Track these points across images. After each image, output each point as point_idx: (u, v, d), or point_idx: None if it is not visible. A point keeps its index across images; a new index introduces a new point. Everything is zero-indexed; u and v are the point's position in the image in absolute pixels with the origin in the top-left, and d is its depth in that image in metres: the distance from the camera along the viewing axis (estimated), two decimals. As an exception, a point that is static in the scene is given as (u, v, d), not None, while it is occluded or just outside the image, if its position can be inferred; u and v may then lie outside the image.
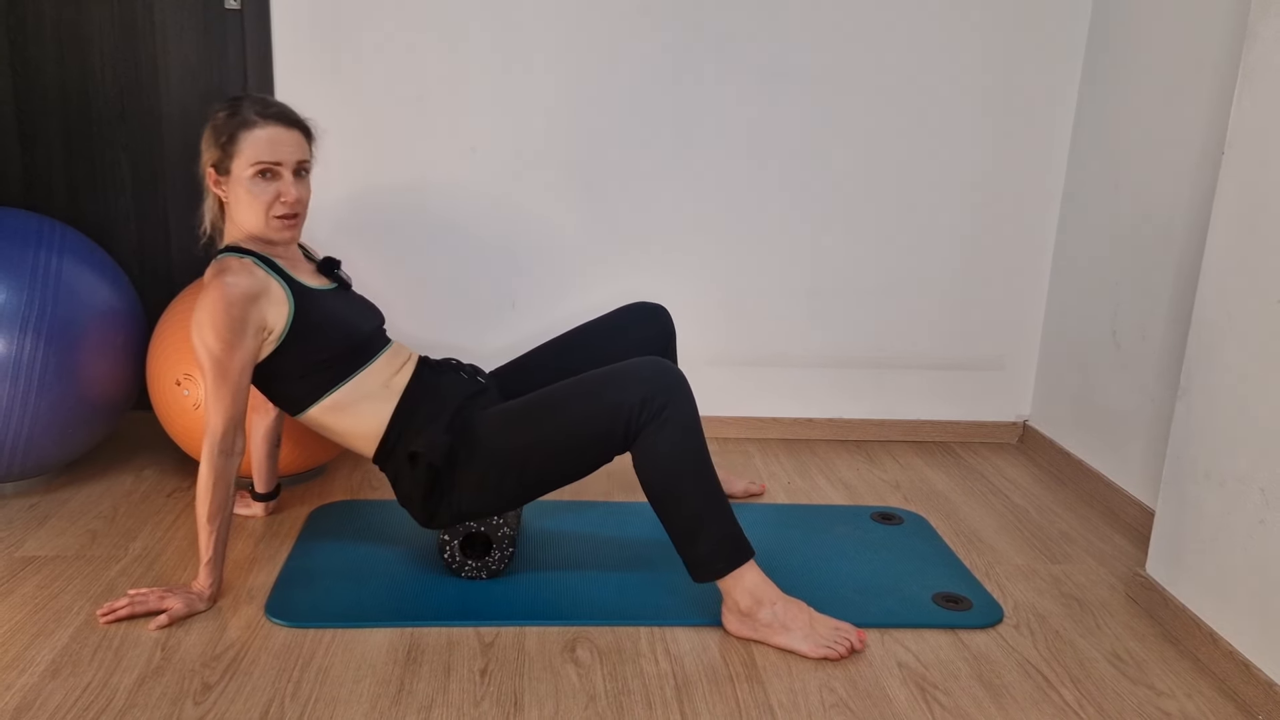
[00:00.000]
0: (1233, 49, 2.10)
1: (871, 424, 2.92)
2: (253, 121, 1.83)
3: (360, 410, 1.89)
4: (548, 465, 1.81)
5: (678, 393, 1.74)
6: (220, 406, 1.78)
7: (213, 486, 1.79)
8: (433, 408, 1.89)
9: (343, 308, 1.93)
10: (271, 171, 1.84)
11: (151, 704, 1.57)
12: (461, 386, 1.95)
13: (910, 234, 2.80)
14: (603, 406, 1.74)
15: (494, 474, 1.82)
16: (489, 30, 2.59)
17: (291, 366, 1.85)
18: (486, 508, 1.87)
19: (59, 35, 2.59)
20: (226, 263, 1.83)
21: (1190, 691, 1.73)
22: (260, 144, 1.83)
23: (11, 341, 2.10)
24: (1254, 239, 1.75)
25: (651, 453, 1.73)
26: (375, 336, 1.95)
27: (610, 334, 2.16)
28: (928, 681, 1.72)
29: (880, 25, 2.65)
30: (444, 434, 1.83)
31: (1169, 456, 1.97)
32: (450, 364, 2.02)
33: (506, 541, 1.95)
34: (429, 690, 1.64)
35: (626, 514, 2.32)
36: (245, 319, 1.77)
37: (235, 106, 1.86)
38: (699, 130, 2.69)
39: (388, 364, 1.93)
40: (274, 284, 1.83)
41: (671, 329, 2.21)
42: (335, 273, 2.01)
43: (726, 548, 1.76)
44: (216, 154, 1.86)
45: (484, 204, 2.70)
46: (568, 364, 2.12)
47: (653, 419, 1.72)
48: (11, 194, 2.68)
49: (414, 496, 1.87)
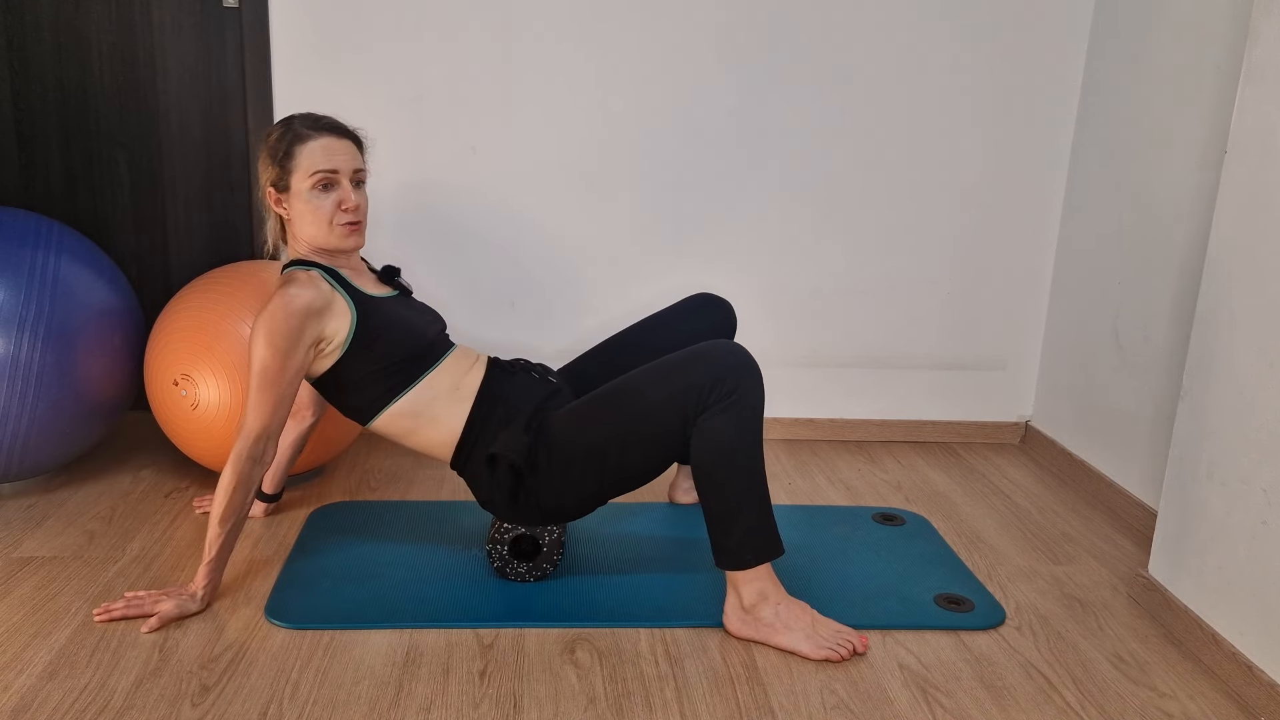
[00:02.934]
0: (1235, 48, 2.09)
1: (873, 424, 2.92)
2: (306, 135, 1.86)
3: (434, 415, 1.88)
4: (626, 457, 1.80)
5: (748, 378, 1.74)
6: (260, 413, 1.78)
7: (233, 490, 1.79)
8: (509, 408, 1.89)
9: (405, 313, 1.93)
10: (330, 181, 1.87)
11: (149, 705, 1.56)
12: (535, 387, 1.95)
13: (912, 234, 2.80)
14: (676, 390, 1.74)
15: (574, 471, 1.82)
16: (489, 29, 2.58)
17: (357, 374, 1.85)
18: (570, 506, 1.86)
19: (57, 34, 2.58)
20: (294, 274, 1.85)
21: (1192, 693, 1.72)
22: (316, 154, 1.86)
23: (9, 342, 2.09)
24: (1257, 239, 1.74)
25: (710, 432, 1.73)
26: (438, 341, 1.95)
27: (671, 328, 2.15)
28: (929, 683, 1.71)
29: (882, 25, 2.65)
30: (522, 434, 1.83)
31: (1171, 457, 1.96)
32: (520, 364, 2.01)
33: (557, 546, 1.95)
34: (428, 692, 1.63)
35: (628, 515, 2.31)
36: (302, 331, 1.78)
37: (286, 124, 1.89)
38: (700, 130, 2.68)
39: (455, 366, 1.93)
40: (338, 297, 1.84)
41: (733, 320, 2.19)
42: (396, 280, 2.02)
43: (758, 542, 1.76)
44: (274, 172, 1.88)
45: (484, 204, 2.69)
46: (631, 360, 2.11)
47: (721, 399, 1.72)
48: (9, 193, 2.67)
49: (496, 499, 1.88)
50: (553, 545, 1.95)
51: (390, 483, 2.48)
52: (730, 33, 2.62)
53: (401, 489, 2.44)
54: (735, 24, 2.62)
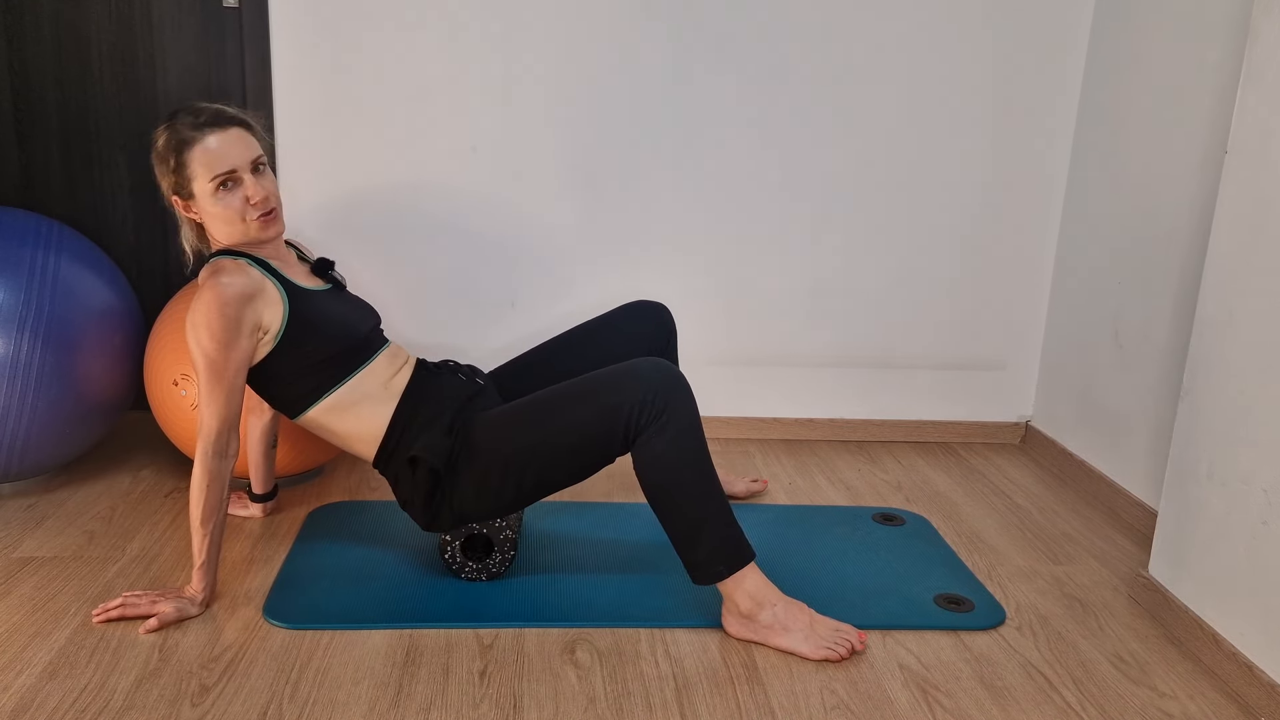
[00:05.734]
0: (1235, 48, 2.09)
1: (873, 424, 2.91)
2: (191, 139, 1.80)
3: (360, 412, 1.88)
4: (547, 468, 1.79)
5: (677, 395, 1.73)
6: (214, 408, 1.77)
7: (206, 488, 1.78)
8: (432, 410, 1.88)
9: (338, 308, 1.92)
10: (230, 180, 1.82)
11: (149, 705, 1.56)
12: (460, 388, 1.94)
13: (912, 233, 2.80)
14: (602, 409, 1.73)
15: (494, 477, 1.81)
16: (489, 29, 2.58)
17: (288, 367, 1.84)
18: (487, 511, 1.85)
19: (57, 33, 2.58)
20: (220, 264, 1.82)
21: (1192, 693, 1.72)
22: (208, 157, 1.80)
23: (9, 341, 2.09)
24: (1257, 238, 1.74)
25: (650, 456, 1.72)
26: (372, 336, 1.94)
27: (610, 332, 2.15)
28: (929, 683, 1.71)
29: (882, 25, 2.65)
30: (444, 437, 1.82)
31: (1171, 457, 1.96)
32: (448, 365, 2.01)
33: (508, 544, 1.95)
34: (428, 692, 1.63)
35: (626, 515, 2.31)
36: (240, 319, 1.76)
37: (170, 126, 1.83)
38: (699, 129, 2.68)
39: (386, 364, 1.92)
40: (269, 284, 1.82)
41: (672, 326, 2.20)
42: (329, 273, 2.00)
43: (726, 551, 1.75)
44: (172, 180, 1.84)
45: (484, 204, 2.69)
46: (568, 363, 2.11)
47: (652, 422, 1.71)
48: (8, 193, 2.67)
49: (415, 500, 1.86)
50: (504, 544, 1.94)
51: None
52: (730, 33, 2.62)
53: (401, 489, 2.44)
54: (736, 24, 2.62)
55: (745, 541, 1.77)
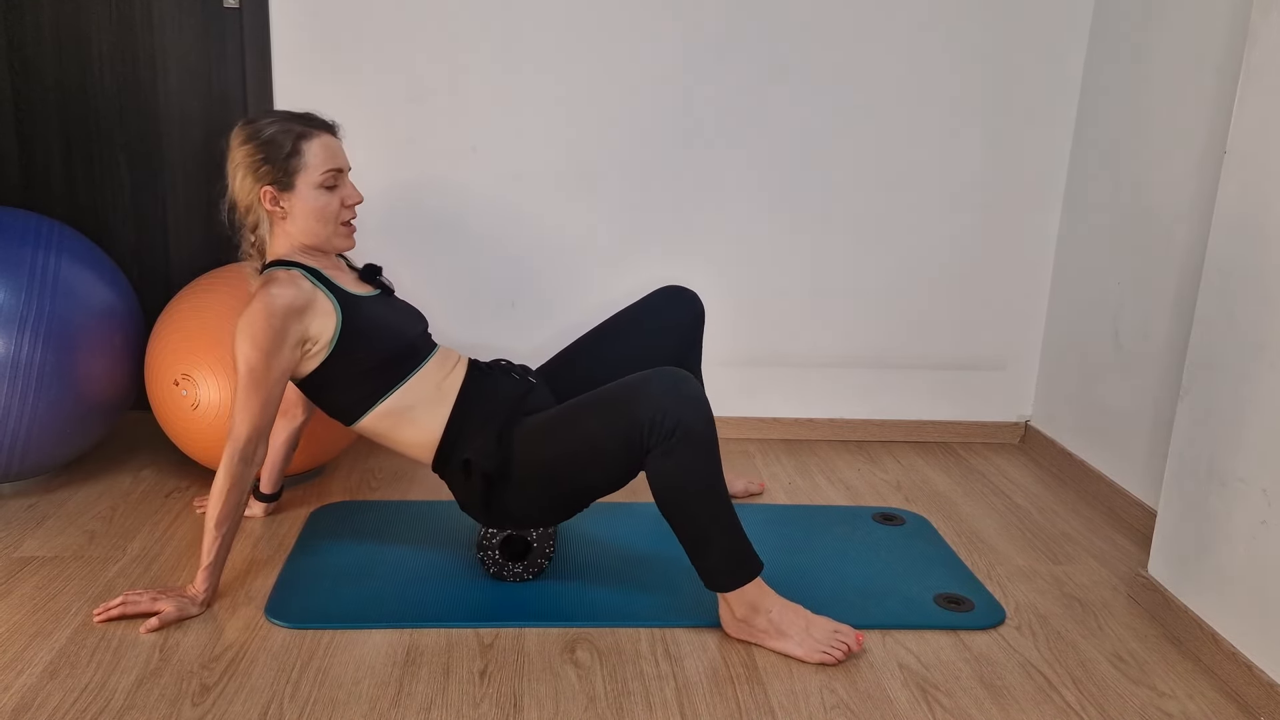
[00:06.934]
0: (1234, 49, 2.09)
1: (873, 424, 2.92)
2: (309, 132, 1.86)
3: (414, 417, 1.88)
4: (579, 477, 1.80)
5: (689, 411, 1.71)
6: (248, 414, 1.78)
7: (227, 492, 1.79)
8: (486, 411, 1.89)
9: (388, 313, 1.93)
10: (338, 178, 1.89)
11: (150, 705, 1.56)
12: (513, 387, 1.95)
13: (912, 234, 2.80)
14: (619, 421, 1.73)
15: (534, 485, 1.83)
16: (490, 28, 2.58)
17: (342, 375, 1.85)
18: (535, 517, 1.88)
19: (57, 33, 2.58)
20: (274, 274, 1.84)
21: (1192, 692, 1.72)
22: (329, 152, 1.87)
23: (9, 341, 2.09)
24: (1256, 238, 1.74)
25: (662, 474, 1.72)
26: (421, 341, 1.95)
27: (642, 320, 2.17)
28: (929, 683, 1.71)
29: (882, 25, 2.65)
30: (494, 441, 1.83)
31: (1171, 457, 1.96)
32: (500, 365, 2.02)
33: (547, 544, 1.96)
34: (428, 691, 1.63)
35: (627, 515, 2.31)
36: (285, 330, 1.78)
37: (281, 120, 1.86)
38: (700, 130, 2.68)
39: (437, 368, 1.93)
40: (320, 295, 1.84)
41: (700, 311, 2.21)
42: (378, 279, 2.01)
43: (731, 565, 1.76)
44: (272, 170, 1.85)
45: (484, 203, 2.69)
46: (607, 352, 2.13)
47: (661, 441, 1.70)
48: (8, 193, 2.67)
49: (473, 503, 1.88)
50: (543, 539, 1.95)
51: (390, 483, 2.48)
52: (731, 33, 2.62)
53: (402, 489, 2.44)
54: (737, 24, 2.62)
55: (752, 555, 1.77)
